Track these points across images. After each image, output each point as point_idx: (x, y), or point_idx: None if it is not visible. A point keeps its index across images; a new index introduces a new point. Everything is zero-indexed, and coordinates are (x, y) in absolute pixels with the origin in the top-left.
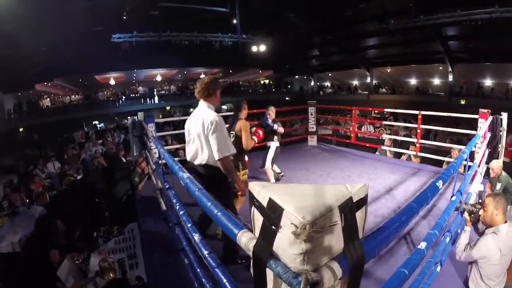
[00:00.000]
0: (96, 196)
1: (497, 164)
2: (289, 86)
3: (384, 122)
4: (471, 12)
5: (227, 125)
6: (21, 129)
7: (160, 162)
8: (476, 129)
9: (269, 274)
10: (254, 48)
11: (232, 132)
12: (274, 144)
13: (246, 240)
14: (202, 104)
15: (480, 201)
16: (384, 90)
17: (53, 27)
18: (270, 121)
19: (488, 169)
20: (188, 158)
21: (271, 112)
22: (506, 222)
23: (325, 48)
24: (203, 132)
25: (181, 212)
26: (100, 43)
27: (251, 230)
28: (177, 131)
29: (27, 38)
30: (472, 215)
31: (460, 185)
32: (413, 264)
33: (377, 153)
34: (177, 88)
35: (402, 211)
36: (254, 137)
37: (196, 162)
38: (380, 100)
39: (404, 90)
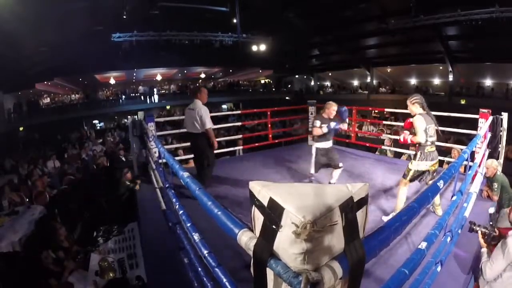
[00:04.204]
0: (96, 195)
1: (492, 163)
2: (289, 86)
3: (384, 122)
4: (471, 12)
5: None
6: (21, 129)
7: (160, 161)
8: (476, 129)
9: (270, 274)
10: (254, 48)
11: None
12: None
13: (246, 239)
14: (195, 100)
15: (491, 223)
16: (384, 89)
17: (53, 26)
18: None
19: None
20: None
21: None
22: None
23: (325, 47)
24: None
25: (181, 212)
26: (100, 42)
27: (251, 229)
28: (177, 131)
29: (27, 37)
30: (486, 237)
31: (461, 185)
32: (413, 264)
33: (377, 153)
34: (177, 88)
35: (402, 211)
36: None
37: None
38: (380, 99)
39: (404, 89)
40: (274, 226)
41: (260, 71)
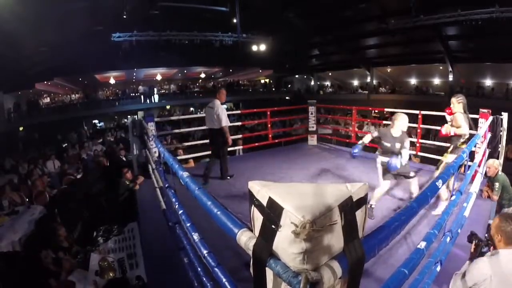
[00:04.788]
0: (96, 195)
1: (493, 163)
2: (289, 86)
3: (384, 122)
4: (471, 12)
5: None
6: (21, 129)
7: (160, 161)
8: (476, 129)
9: (269, 273)
10: (254, 48)
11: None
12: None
13: (246, 239)
14: (215, 100)
15: (487, 235)
16: (384, 89)
17: (53, 26)
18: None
19: None
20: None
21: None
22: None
23: (325, 47)
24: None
25: (181, 211)
26: (100, 42)
27: (251, 229)
28: (177, 130)
29: (27, 37)
30: (476, 249)
31: (460, 185)
32: (413, 264)
33: (377, 152)
34: (177, 87)
35: (402, 210)
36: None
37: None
38: (380, 99)
39: (404, 89)
40: (273, 226)
41: (260, 71)
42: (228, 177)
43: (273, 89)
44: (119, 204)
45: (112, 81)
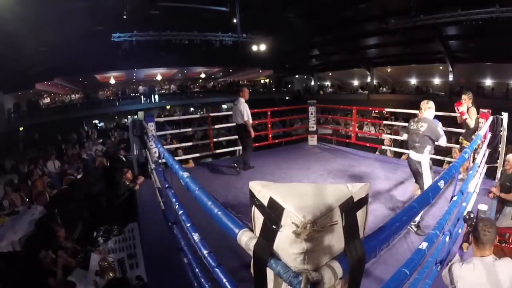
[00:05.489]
0: (96, 195)
1: None
2: (289, 86)
3: (384, 122)
4: (472, 12)
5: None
6: (21, 129)
7: (160, 161)
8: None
9: (270, 274)
10: (254, 48)
11: None
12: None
13: (246, 239)
14: (239, 98)
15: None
16: (384, 89)
17: (53, 26)
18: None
19: (488, 170)
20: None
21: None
22: (485, 256)
23: (325, 47)
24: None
25: (180, 212)
26: (100, 42)
27: (251, 229)
28: (177, 131)
29: (27, 37)
30: (468, 232)
31: (462, 185)
32: (414, 264)
33: (377, 153)
34: (177, 87)
35: (403, 211)
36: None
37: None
38: (380, 99)
39: (404, 89)
40: (274, 226)
41: (260, 71)
42: (247, 168)
43: (273, 89)
44: (119, 204)
45: (112, 81)
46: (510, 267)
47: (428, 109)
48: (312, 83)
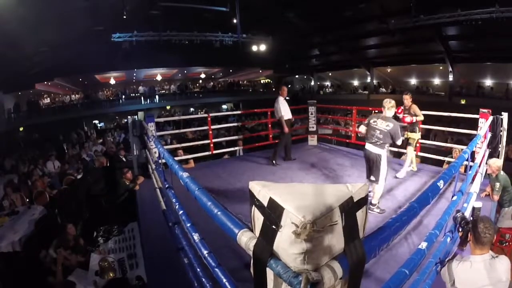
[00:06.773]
0: (96, 195)
1: (494, 163)
2: (289, 86)
3: None
4: (471, 12)
5: None
6: (21, 129)
7: (160, 161)
8: (476, 129)
9: (269, 274)
10: (254, 48)
11: None
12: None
13: (246, 239)
14: (278, 96)
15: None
16: (384, 90)
17: (53, 26)
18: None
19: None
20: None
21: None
22: (484, 254)
23: (325, 47)
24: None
25: (181, 212)
26: (100, 42)
27: (251, 229)
28: (177, 131)
29: (27, 37)
30: (462, 231)
31: (461, 185)
32: (413, 264)
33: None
34: (177, 88)
35: (403, 211)
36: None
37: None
38: (380, 100)
39: (404, 90)
40: (274, 226)
41: (260, 71)
42: (274, 163)
43: (273, 89)
44: (119, 205)
45: (112, 81)
46: (506, 263)
47: (391, 108)
48: (312, 83)
